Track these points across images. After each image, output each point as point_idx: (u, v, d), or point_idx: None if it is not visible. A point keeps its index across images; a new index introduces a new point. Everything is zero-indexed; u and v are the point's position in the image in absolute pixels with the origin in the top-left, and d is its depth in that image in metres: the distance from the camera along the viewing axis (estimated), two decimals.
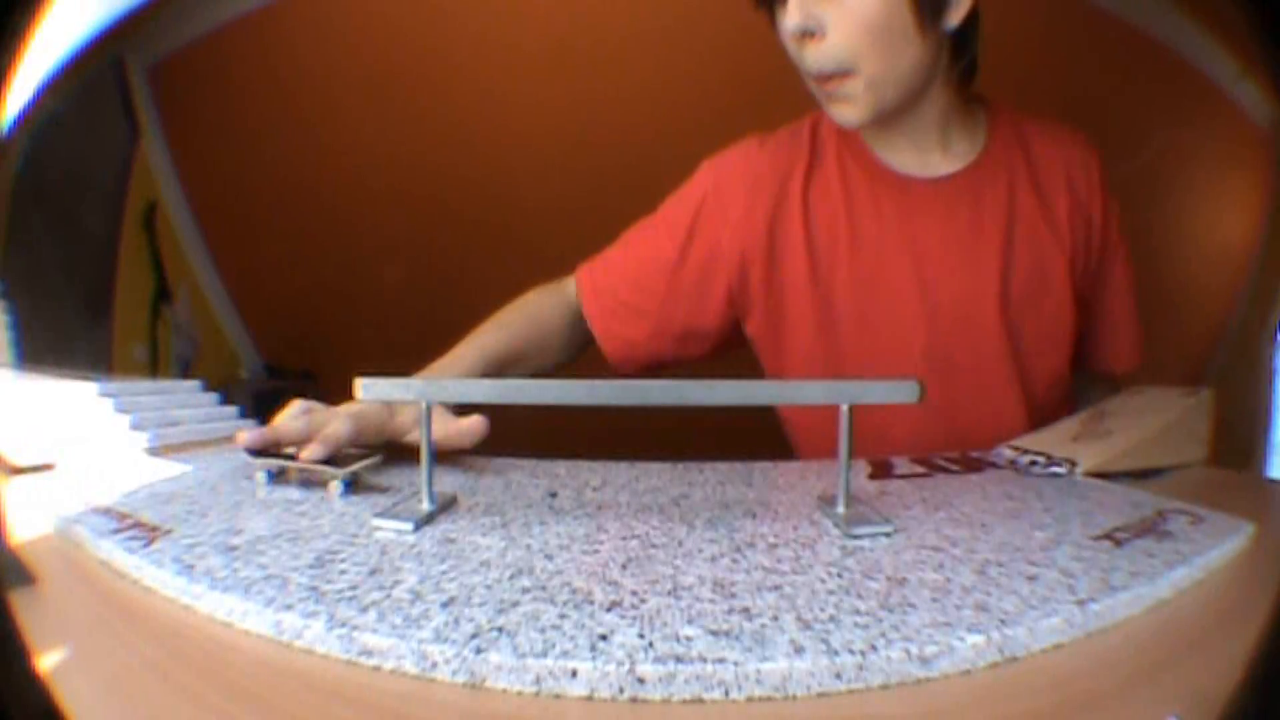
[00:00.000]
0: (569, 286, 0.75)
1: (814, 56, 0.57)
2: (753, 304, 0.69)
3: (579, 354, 0.75)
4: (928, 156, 0.66)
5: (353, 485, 0.50)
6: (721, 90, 1.09)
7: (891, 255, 0.66)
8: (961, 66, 0.64)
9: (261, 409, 0.74)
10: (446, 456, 0.57)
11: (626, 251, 0.73)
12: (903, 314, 0.66)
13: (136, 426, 0.63)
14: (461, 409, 0.56)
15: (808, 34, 0.56)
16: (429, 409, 0.45)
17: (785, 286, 0.67)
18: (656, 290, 0.70)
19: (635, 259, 0.72)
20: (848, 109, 0.59)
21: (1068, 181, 0.67)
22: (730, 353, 0.75)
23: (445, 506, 0.46)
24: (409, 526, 0.42)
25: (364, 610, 0.31)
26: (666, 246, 0.70)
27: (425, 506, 0.44)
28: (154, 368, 1.05)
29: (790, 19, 0.55)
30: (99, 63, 0.94)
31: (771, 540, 0.40)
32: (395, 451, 0.57)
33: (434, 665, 0.28)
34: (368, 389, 0.44)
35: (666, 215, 0.71)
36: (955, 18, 0.58)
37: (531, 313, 0.73)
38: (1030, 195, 0.66)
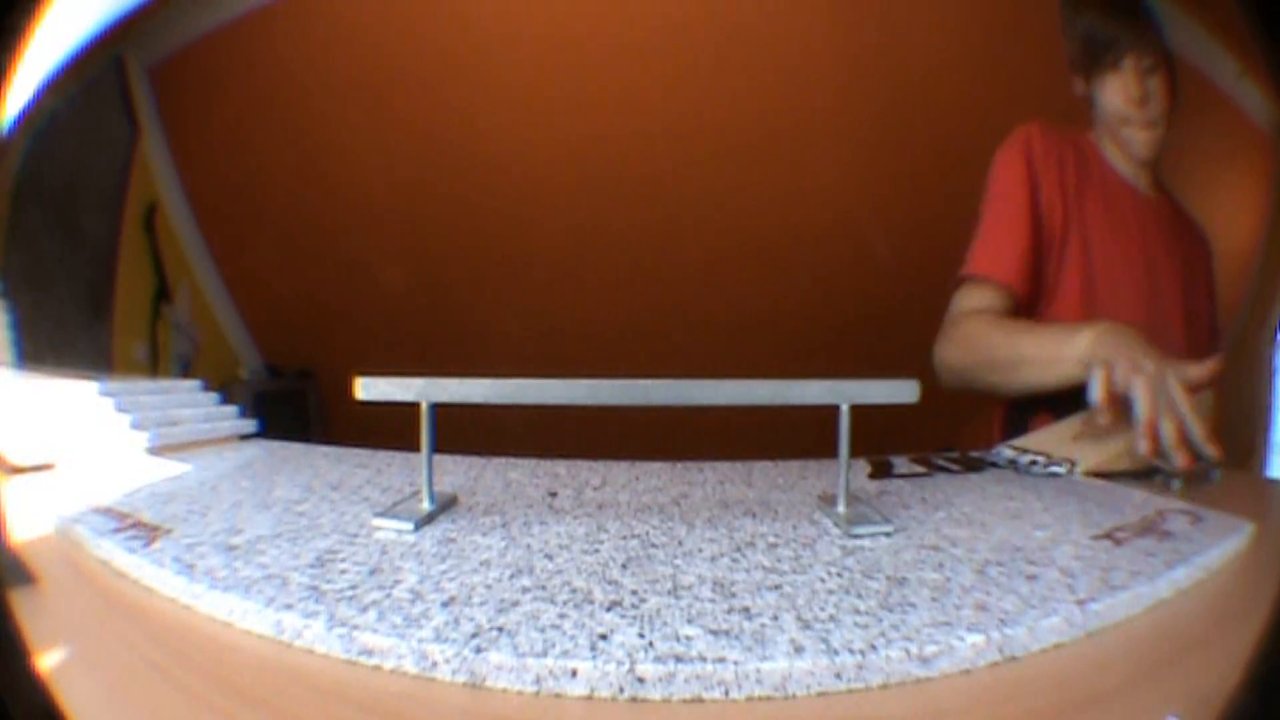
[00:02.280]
0: (977, 297, 0.82)
1: (1142, 114, 0.80)
2: (1054, 245, 0.81)
3: None
4: (1141, 182, 0.85)
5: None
6: (724, 97, 1.09)
7: (1132, 234, 0.82)
8: None
9: (261, 409, 0.74)
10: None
11: (990, 228, 0.83)
12: (1135, 283, 0.81)
13: (137, 426, 0.63)
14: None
15: (1143, 99, 0.79)
16: (432, 408, 0.45)
17: (1070, 233, 0.81)
18: (1027, 225, 0.81)
19: (1001, 222, 0.82)
20: (1147, 145, 0.82)
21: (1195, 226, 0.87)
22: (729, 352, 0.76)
23: (445, 506, 0.46)
24: (409, 526, 0.42)
25: (364, 610, 0.31)
26: (1018, 199, 0.81)
27: (425, 506, 0.45)
28: (154, 367, 1.05)
29: (1136, 88, 0.78)
30: (99, 63, 0.94)
31: (771, 540, 0.40)
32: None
33: (434, 665, 0.28)
34: (367, 389, 0.44)
35: (1005, 189, 0.83)
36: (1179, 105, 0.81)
37: (979, 328, 0.81)
38: (1191, 227, 0.86)
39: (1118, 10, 0.80)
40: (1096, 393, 0.58)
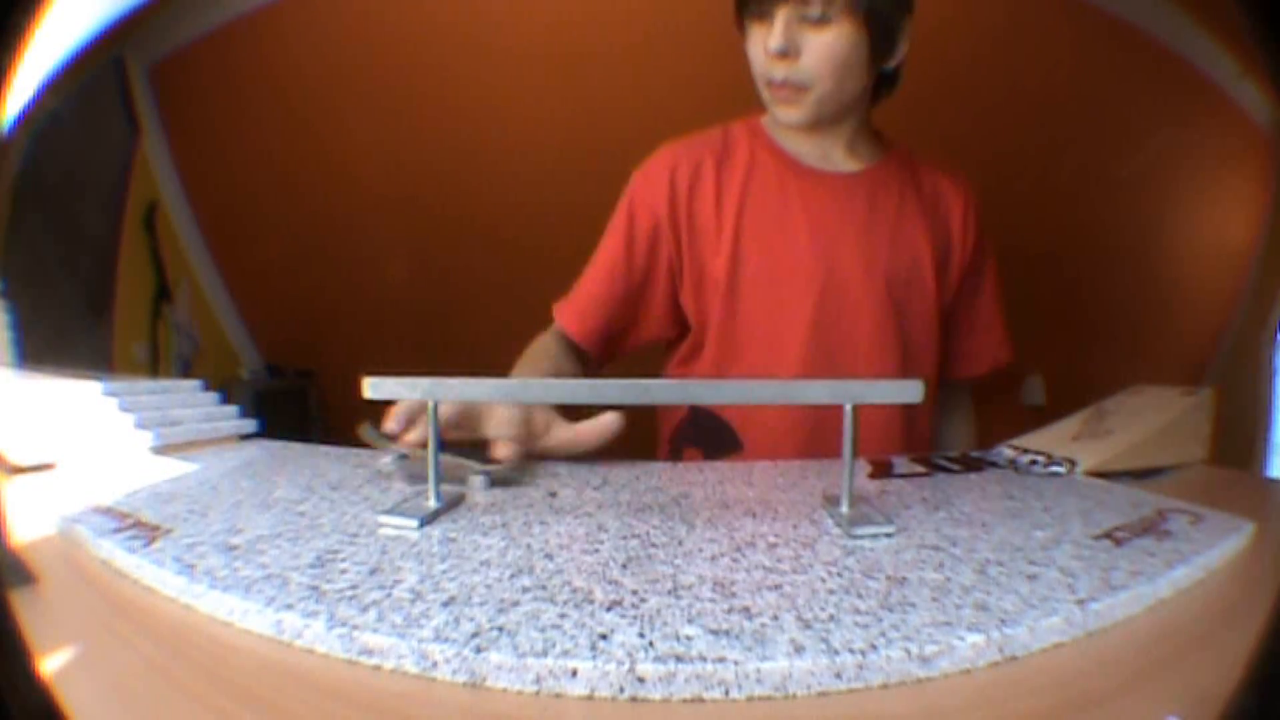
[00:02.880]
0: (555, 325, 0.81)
1: (784, 71, 0.68)
2: (683, 273, 0.77)
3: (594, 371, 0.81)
4: (832, 155, 0.77)
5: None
6: (722, 95, 1.09)
7: (793, 226, 0.75)
8: (880, 95, 0.76)
9: (262, 408, 0.74)
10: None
11: (588, 270, 0.81)
12: (797, 277, 0.74)
13: (140, 426, 0.63)
14: (571, 411, 0.58)
15: (785, 54, 0.67)
16: (435, 407, 0.45)
17: (702, 251, 0.76)
18: (616, 278, 0.78)
19: (594, 267, 0.80)
20: (794, 111, 0.71)
21: (939, 203, 0.79)
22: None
23: (452, 504, 0.46)
24: (414, 523, 0.42)
25: (364, 610, 0.31)
26: (615, 243, 0.78)
27: (432, 504, 0.45)
28: (154, 367, 1.05)
29: (775, 41, 0.66)
30: (99, 63, 0.94)
31: (771, 540, 0.40)
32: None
33: (434, 665, 0.28)
34: (375, 388, 0.44)
35: (611, 224, 0.80)
36: (892, 63, 0.72)
37: (539, 350, 0.79)
38: (913, 203, 0.77)
39: None
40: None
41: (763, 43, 0.67)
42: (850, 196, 0.75)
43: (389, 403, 0.55)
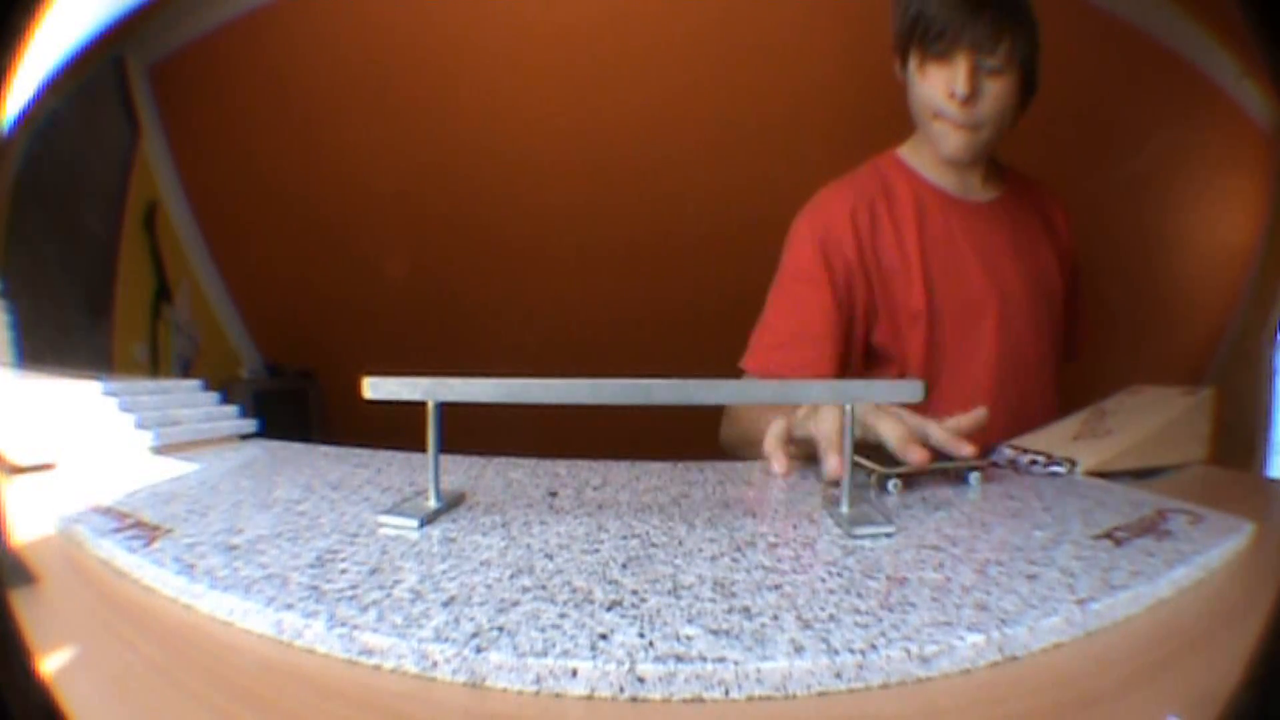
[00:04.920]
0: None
1: (964, 114, 0.73)
2: (878, 312, 0.79)
3: None
4: (972, 184, 0.81)
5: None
6: (726, 99, 1.09)
7: (964, 256, 0.79)
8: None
9: (262, 409, 0.74)
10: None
11: (775, 318, 0.80)
12: (978, 305, 0.78)
13: (140, 426, 0.63)
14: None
15: (969, 99, 0.72)
16: (438, 407, 0.45)
17: (893, 288, 0.78)
18: (822, 320, 0.77)
19: (787, 313, 0.79)
20: (963, 149, 0.76)
21: (1051, 216, 0.85)
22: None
23: (452, 504, 0.46)
24: (414, 523, 0.42)
25: (364, 610, 0.31)
26: (821, 294, 0.77)
27: (432, 504, 0.45)
28: (154, 367, 1.05)
29: (963, 87, 0.71)
30: (99, 63, 0.94)
31: (771, 540, 0.40)
32: None
33: (434, 665, 0.28)
34: (375, 388, 0.45)
35: (795, 272, 0.80)
36: (1028, 105, 0.76)
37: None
38: (1037, 220, 0.83)
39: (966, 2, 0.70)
40: (769, 444, 0.57)
41: (945, 84, 0.72)
42: (999, 223, 0.80)
43: (389, 403, 0.55)
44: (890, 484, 0.51)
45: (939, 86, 0.73)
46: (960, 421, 0.57)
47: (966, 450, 0.54)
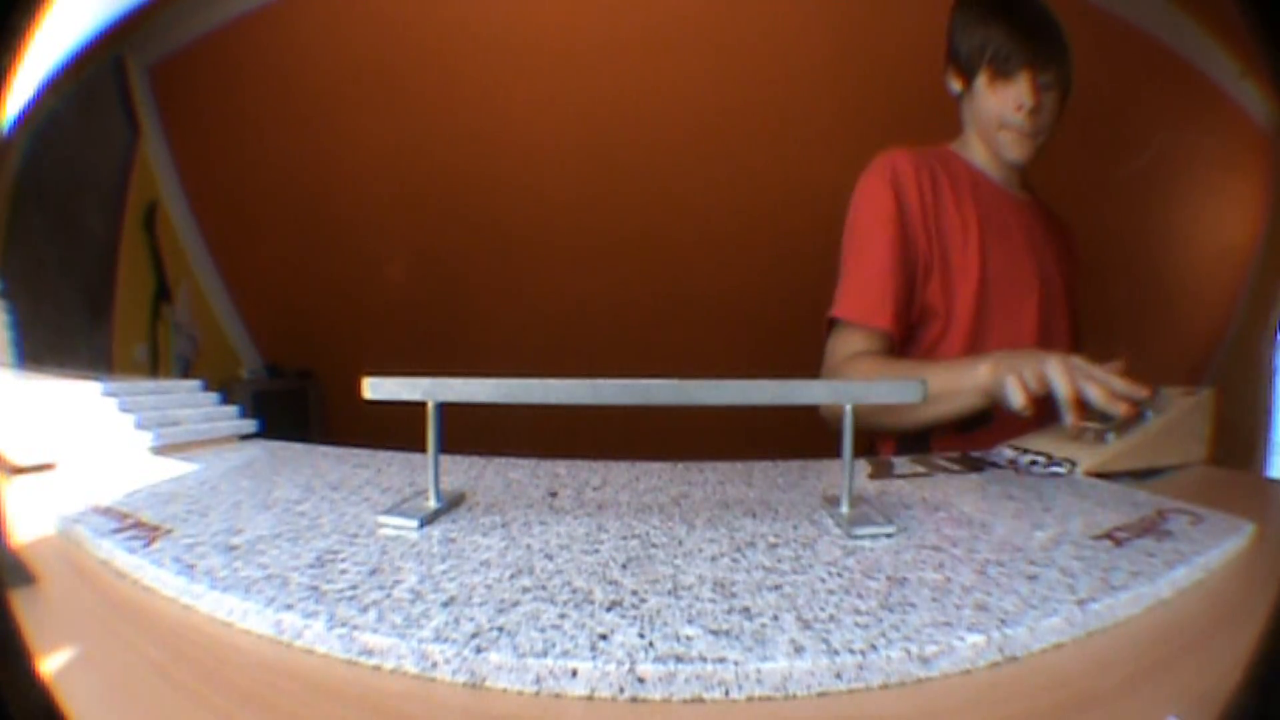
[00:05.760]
0: (855, 341, 0.83)
1: (1030, 123, 0.82)
2: (934, 266, 0.84)
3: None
4: (1012, 183, 0.89)
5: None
6: (727, 91, 1.09)
7: (1015, 236, 0.86)
8: None
9: (262, 409, 0.74)
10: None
11: (858, 265, 0.85)
12: (1024, 282, 0.84)
13: (140, 426, 0.63)
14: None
15: (1035, 111, 0.81)
16: (438, 407, 0.45)
17: (950, 246, 0.84)
18: (899, 267, 0.83)
19: (873, 259, 0.83)
20: (1024, 154, 0.85)
21: (1067, 235, 0.93)
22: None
23: (452, 504, 0.46)
24: (414, 524, 0.42)
25: (364, 610, 0.31)
26: (887, 240, 0.83)
27: (432, 504, 0.45)
28: (154, 367, 1.05)
29: (1030, 100, 0.81)
30: (99, 63, 0.94)
31: (772, 540, 0.40)
32: None
33: (434, 665, 0.28)
34: (375, 388, 0.45)
35: (872, 220, 0.84)
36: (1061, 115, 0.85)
37: (872, 366, 0.81)
38: (1056, 223, 0.92)
39: (1027, 29, 0.81)
40: (1017, 399, 0.61)
41: (1014, 98, 0.81)
42: (1036, 218, 0.89)
43: (389, 403, 0.55)
44: (1109, 436, 0.58)
45: (1008, 101, 0.82)
46: (1113, 380, 0.62)
47: (1143, 393, 0.60)
